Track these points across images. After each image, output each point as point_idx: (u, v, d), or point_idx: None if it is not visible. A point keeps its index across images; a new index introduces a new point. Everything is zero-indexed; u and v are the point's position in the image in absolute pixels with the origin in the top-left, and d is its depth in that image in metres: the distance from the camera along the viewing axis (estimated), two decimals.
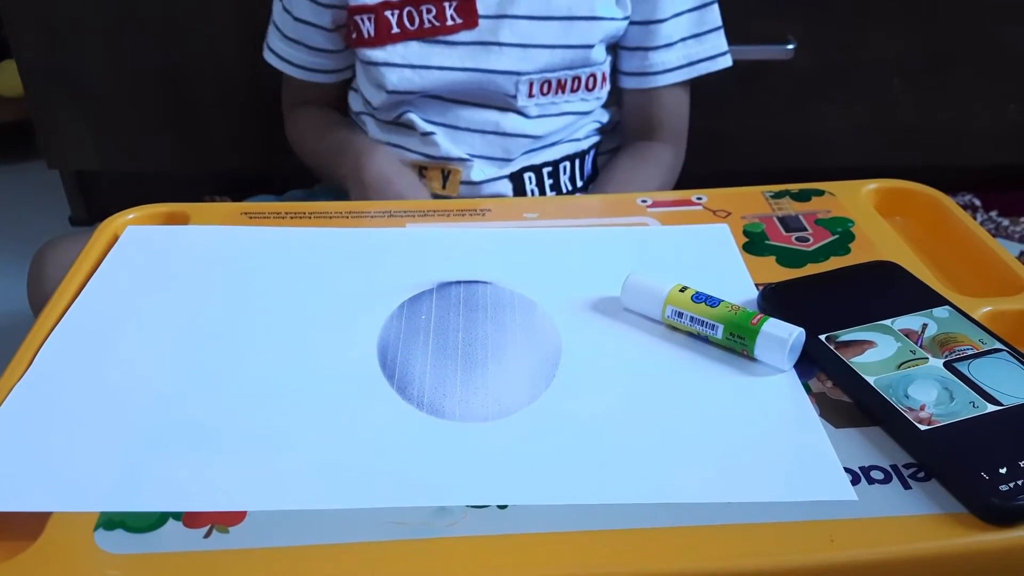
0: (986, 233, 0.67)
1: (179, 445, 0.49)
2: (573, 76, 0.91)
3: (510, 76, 0.89)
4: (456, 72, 0.89)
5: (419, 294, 0.61)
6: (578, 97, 0.93)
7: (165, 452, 0.48)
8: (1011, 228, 1.54)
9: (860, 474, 0.46)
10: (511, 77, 0.89)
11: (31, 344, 0.57)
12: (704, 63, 0.95)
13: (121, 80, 1.42)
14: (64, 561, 0.42)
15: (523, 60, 0.88)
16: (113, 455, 0.48)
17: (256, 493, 0.45)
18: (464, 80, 0.89)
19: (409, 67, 0.88)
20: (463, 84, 0.89)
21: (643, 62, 0.94)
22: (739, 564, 0.42)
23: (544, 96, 0.91)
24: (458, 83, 0.89)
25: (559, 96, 0.92)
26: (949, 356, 0.52)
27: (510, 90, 0.89)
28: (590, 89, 0.93)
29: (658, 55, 0.93)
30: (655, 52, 0.93)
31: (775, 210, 0.71)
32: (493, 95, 0.90)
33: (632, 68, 0.95)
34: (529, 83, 0.89)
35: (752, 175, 0.83)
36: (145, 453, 0.48)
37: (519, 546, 0.42)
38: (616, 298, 0.60)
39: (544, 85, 0.90)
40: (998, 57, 1.43)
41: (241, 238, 0.68)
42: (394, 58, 0.88)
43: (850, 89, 1.44)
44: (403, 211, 0.72)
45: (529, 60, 0.89)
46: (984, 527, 0.43)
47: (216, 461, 0.47)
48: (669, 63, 0.94)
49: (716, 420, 0.50)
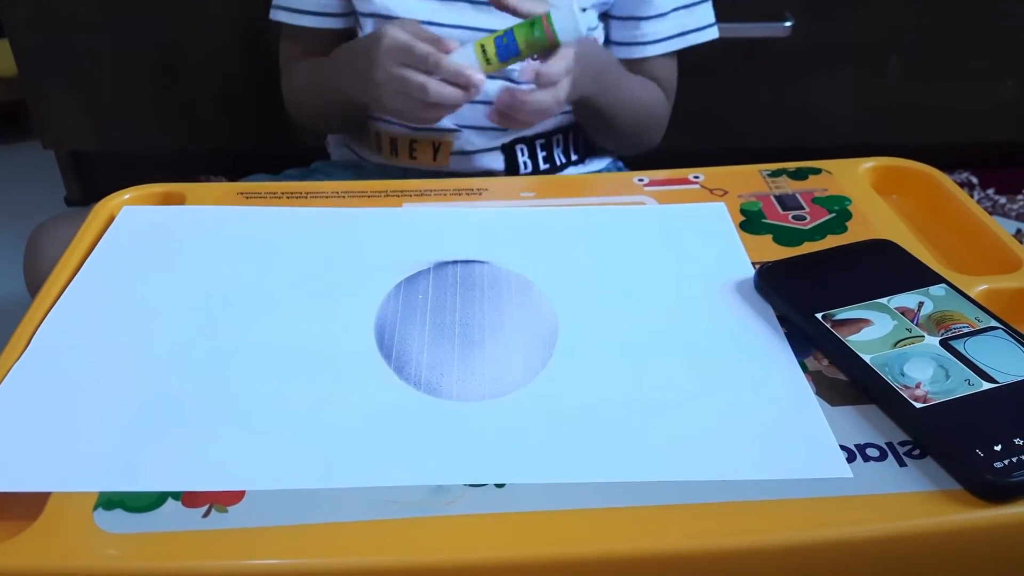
0: (983, 211, 0.67)
1: (177, 425, 0.49)
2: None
3: None
4: (448, 29, 0.88)
5: (416, 274, 0.61)
6: None
7: (163, 432, 0.48)
8: (1008, 206, 1.54)
9: (856, 452, 0.46)
10: None
11: (28, 325, 0.57)
12: (694, 34, 0.95)
13: (116, 59, 1.41)
14: (63, 541, 0.42)
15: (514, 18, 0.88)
16: (111, 435, 0.48)
17: (254, 472, 0.46)
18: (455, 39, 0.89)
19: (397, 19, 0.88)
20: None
21: (634, 31, 0.94)
22: (735, 542, 0.42)
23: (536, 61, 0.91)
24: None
25: None
26: (945, 334, 0.52)
27: None
28: None
29: (650, 25, 0.93)
30: (647, 22, 0.93)
31: (772, 188, 0.71)
32: None
33: (623, 38, 0.95)
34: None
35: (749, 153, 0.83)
36: (143, 433, 0.48)
37: (517, 524, 0.43)
38: (611, 277, 0.60)
39: None
40: (995, 33, 1.42)
41: (237, 218, 0.68)
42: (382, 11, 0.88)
43: (847, 66, 1.44)
44: (399, 191, 0.72)
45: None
46: (979, 504, 0.43)
47: (214, 441, 0.48)
48: (660, 33, 0.94)
49: (712, 399, 0.50)
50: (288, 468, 0.46)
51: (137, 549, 0.42)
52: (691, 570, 0.43)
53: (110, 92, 1.45)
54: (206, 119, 1.49)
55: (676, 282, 0.60)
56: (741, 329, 0.56)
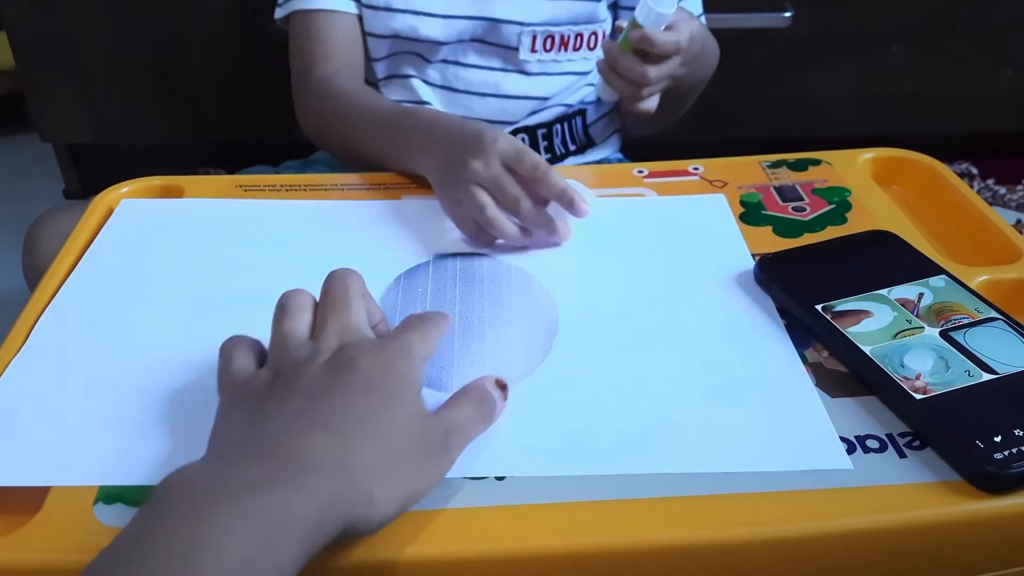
0: (983, 201, 0.67)
1: (177, 418, 0.49)
2: (576, 33, 0.91)
3: (513, 26, 0.88)
4: (459, 20, 0.88)
5: (415, 267, 0.61)
6: (580, 56, 0.93)
7: (163, 425, 0.48)
8: (1008, 196, 1.54)
9: (856, 443, 0.46)
10: (514, 27, 0.88)
11: (27, 318, 0.56)
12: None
13: (114, 52, 1.41)
14: (63, 534, 0.42)
15: (527, 10, 0.88)
16: (111, 428, 0.48)
17: None
18: (465, 29, 0.88)
19: (412, 13, 0.88)
20: (465, 33, 0.89)
21: None
22: (735, 533, 0.42)
23: (547, 52, 0.91)
24: (462, 32, 0.89)
25: (561, 54, 0.92)
26: (945, 325, 0.52)
27: (512, 41, 0.89)
28: (592, 48, 0.93)
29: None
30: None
31: (772, 180, 0.71)
32: (494, 49, 0.90)
33: None
34: (532, 36, 0.89)
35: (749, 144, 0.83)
36: (143, 426, 0.48)
37: (517, 517, 0.43)
38: (612, 269, 0.60)
39: (547, 40, 0.90)
40: (996, 24, 1.42)
41: (236, 211, 0.68)
42: (396, 2, 0.88)
43: (847, 57, 1.44)
44: (399, 183, 0.72)
45: (533, 10, 0.88)
46: (979, 495, 0.43)
47: None
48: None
49: (713, 390, 0.50)
50: None
51: None
52: (692, 562, 0.43)
53: (108, 84, 1.44)
54: (205, 111, 1.49)
55: (676, 274, 0.60)
56: (741, 321, 0.56)
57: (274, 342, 0.48)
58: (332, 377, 0.44)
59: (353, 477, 0.40)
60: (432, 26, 0.88)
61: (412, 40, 0.89)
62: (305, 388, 0.43)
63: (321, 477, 0.39)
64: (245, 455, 0.41)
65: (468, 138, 0.65)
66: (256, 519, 0.36)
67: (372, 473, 0.41)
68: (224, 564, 0.34)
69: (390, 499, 0.41)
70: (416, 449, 0.43)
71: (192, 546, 0.34)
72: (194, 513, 0.36)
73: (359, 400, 0.43)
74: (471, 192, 0.62)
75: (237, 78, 1.44)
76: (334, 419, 0.42)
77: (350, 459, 0.40)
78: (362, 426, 0.42)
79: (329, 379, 0.44)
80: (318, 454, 0.40)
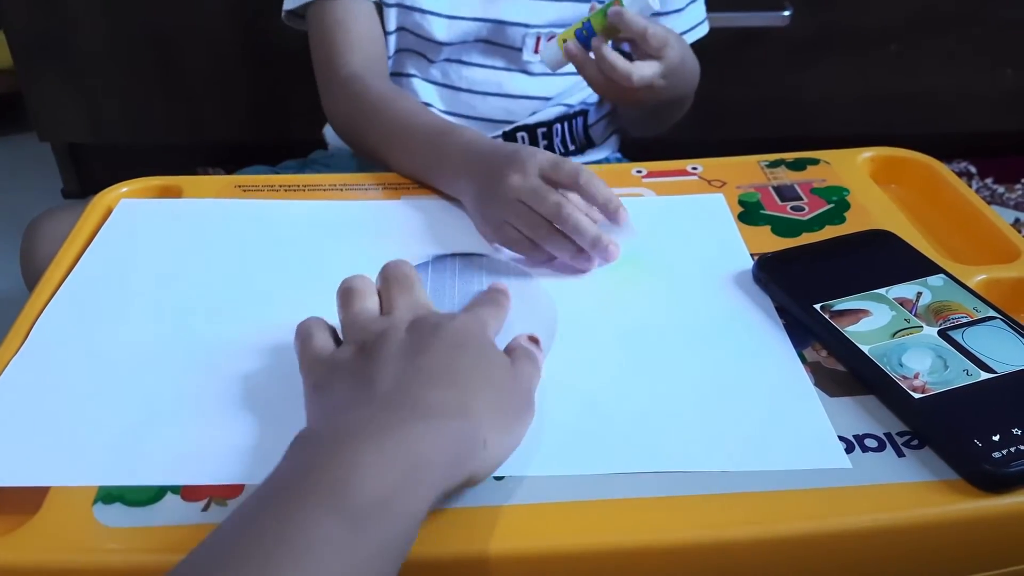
0: (981, 201, 0.67)
1: (176, 418, 0.49)
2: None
3: (518, 28, 0.88)
4: (465, 21, 0.88)
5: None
6: None
7: (162, 426, 0.48)
8: (1006, 195, 1.55)
9: (854, 442, 0.46)
10: (519, 29, 0.88)
11: (26, 318, 0.56)
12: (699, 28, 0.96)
13: (113, 51, 1.41)
14: (63, 535, 0.42)
15: (533, 12, 0.88)
16: (110, 429, 0.48)
17: (253, 466, 0.45)
18: (471, 30, 0.88)
19: (419, 11, 0.88)
20: (470, 34, 0.89)
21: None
22: (734, 532, 0.42)
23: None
24: (467, 32, 0.89)
25: None
26: (943, 324, 0.52)
27: (517, 42, 0.89)
28: None
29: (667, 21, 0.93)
30: (665, 18, 0.93)
31: (770, 179, 0.71)
32: (498, 49, 0.90)
33: None
34: (536, 37, 0.89)
35: (748, 143, 0.83)
36: (142, 427, 0.48)
37: (516, 517, 0.43)
38: (611, 269, 0.60)
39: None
40: (994, 22, 1.42)
41: (235, 211, 0.68)
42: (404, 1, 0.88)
43: (846, 56, 1.44)
44: (398, 183, 0.72)
45: (539, 12, 0.88)
46: (977, 494, 0.43)
47: (213, 434, 0.48)
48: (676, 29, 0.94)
49: (711, 390, 0.50)
50: None
51: (137, 543, 0.42)
52: (691, 561, 0.43)
53: (107, 84, 1.44)
54: (204, 111, 1.49)
55: (675, 274, 0.60)
56: (740, 320, 0.56)
57: (347, 323, 0.49)
58: (422, 339, 0.45)
59: (470, 423, 0.42)
60: (438, 26, 0.88)
61: (417, 38, 0.89)
62: (397, 352, 0.45)
63: (447, 422, 0.41)
64: (363, 406, 0.42)
65: (504, 156, 0.64)
66: (393, 458, 0.37)
67: (486, 420, 0.43)
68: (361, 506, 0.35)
69: (499, 446, 0.44)
70: (513, 398, 0.46)
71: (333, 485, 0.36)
72: (334, 454, 0.37)
73: (456, 356, 0.45)
74: (514, 208, 0.61)
75: (236, 78, 1.44)
76: (442, 374, 0.43)
77: (467, 407, 0.42)
78: (469, 378, 0.44)
79: (419, 342, 0.45)
80: (439, 401, 0.42)
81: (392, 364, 0.44)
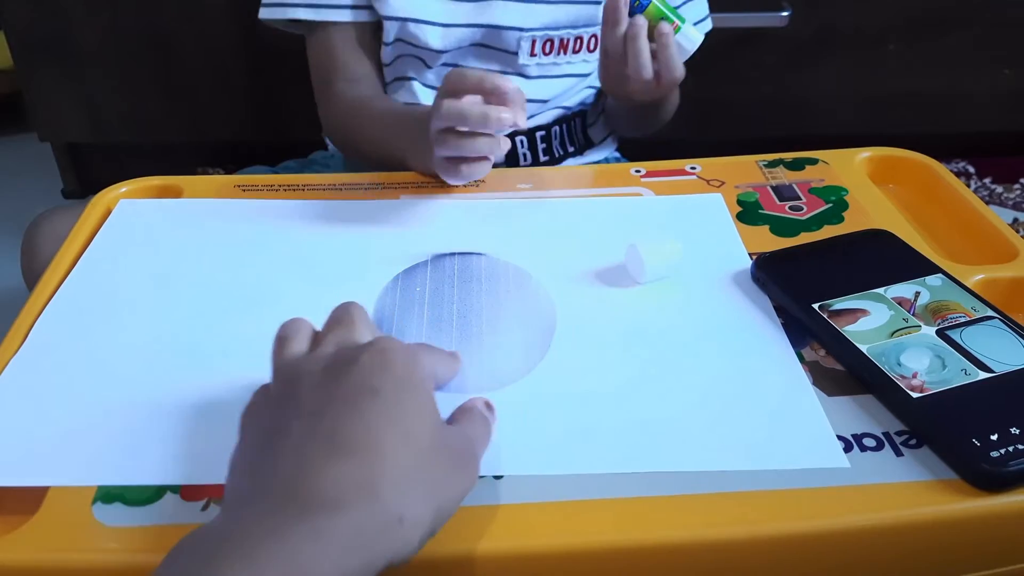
0: (979, 200, 0.67)
1: (175, 418, 0.49)
2: (576, 36, 0.91)
3: (513, 32, 0.88)
4: (460, 28, 0.88)
5: (413, 266, 0.61)
6: (579, 58, 0.93)
7: (161, 425, 0.48)
8: (1004, 195, 1.55)
9: (852, 441, 0.46)
10: (514, 33, 0.88)
11: (26, 318, 0.57)
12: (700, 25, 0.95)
13: (113, 51, 1.41)
14: (62, 534, 0.42)
15: (527, 15, 0.88)
16: (110, 429, 0.48)
17: None
18: (465, 36, 0.88)
19: (413, 21, 0.88)
20: (465, 40, 0.89)
21: None
22: (733, 532, 0.42)
23: (546, 56, 0.91)
24: (462, 39, 0.89)
25: (560, 56, 0.92)
26: (941, 324, 0.52)
27: (512, 46, 0.89)
28: (591, 50, 0.93)
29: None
30: None
31: (769, 179, 0.71)
32: (493, 53, 0.90)
33: None
34: (531, 40, 0.89)
35: (746, 143, 0.83)
36: (141, 426, 0.48)
37: (515, 516, 0.43)
38: (610, 268, 0.60)
39: (546, 44, 0.90)
40: (993, 22, 1.42)
41: (235, 211, 0.68)
42: (397, 11, 0.88)
43: (844, 56, 1.44)
44: (397, 183, 0.72)
45: (533, 16, 0.88)
46: (975, 493, 0.43)
47: (213, 434, 0.48)
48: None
49: (709, 389, 0.50)
50: None
51: (136, 542, 0.42)
52: (690, 560, 0.43)
53: (107, 84, 1.44)
54: (203, 111, 1.49)
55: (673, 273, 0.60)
56: (738, 320, 0.56)
57: (275, 370, 0.45)
58: (334, 383, 0.40)
59: (379, 502, 0.36)
60: (433, 35, 0.88)
61: (414, 46, 0.89)
62: (307, 402, 0.40)
63: (342, 513, 0.35)
64: (257, 500, 0.37)
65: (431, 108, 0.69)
66: (267, 570, 0.33)
67: (399, 492, 0.37)
68: None
69: (422, 517, 0.38)
70: (440, 457, 0.40)
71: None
72: (204, 569, 0.33)
73: (368, 406, 0.39)
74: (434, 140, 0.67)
75: (236, 78, 1.44)
76: (346, 436, 0.38)
77: (373, 481, 0.36)
78: (378, 439, 0.38)
79: (332, 386, 0.40)
80: (336, 485, 0.36)
81: (297, 424, 0.39)
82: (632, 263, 0.60)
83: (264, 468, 0.38)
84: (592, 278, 0.60)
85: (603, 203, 0.69)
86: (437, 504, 0.38)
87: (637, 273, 0.59)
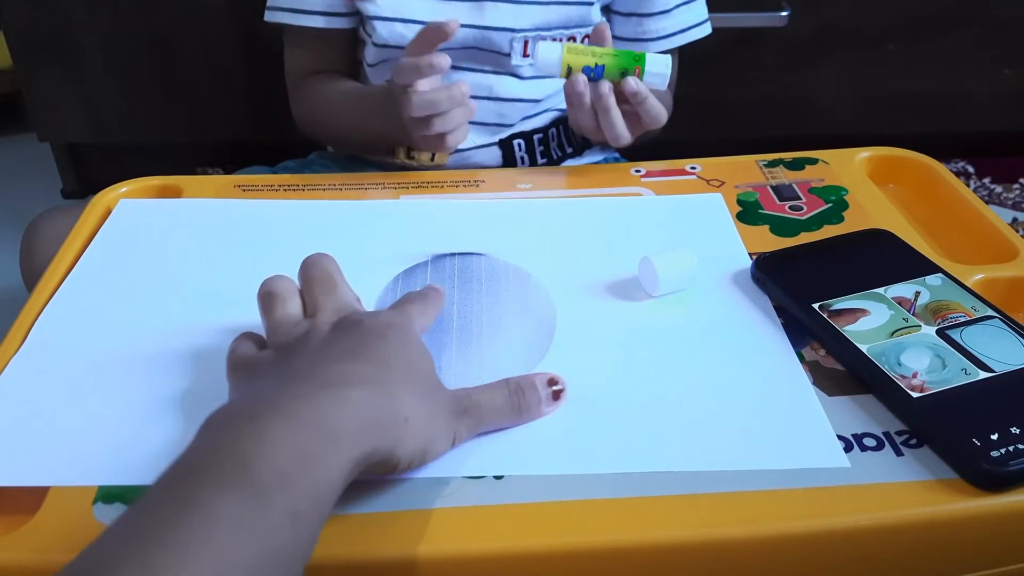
0: (979, 200, 0.67)
1: (176, 418, 0.49)
2: (568, 36, 0.91)
3: (505, 33, 0.88)
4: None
5: (414, 266, 0.61)
6: None
7: (162, 425, 0.48)
8: (1004, 195, 1.55)
9: (853, 441, 0.46)
10: (506, 34, 0.88)
11: (26, 318, 0.57)
12: (693, 30, 0.95)
13: (112, 51, 1.41)
14: (63, 535, 0.42)
15: (518, 16, 0.88)
16: (110, 428, 0.48)
17: None
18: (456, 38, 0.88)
19: (400, 21, 0.88)
20: (457, 41, 0.89)
21: (637, 28, 0.94)
22: (732, 532, 0.42)
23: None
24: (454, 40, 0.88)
25: None
26: (942, 324, 0.52)
27: (504, 48, 0.89)
28: None
29: (653, 22, 0.93)
30: (650, 19, 0.93)
31: (769, 179, 0.71)
32: (486, 55, 0.90)
33: (626, 34, 0.95)
34: (524, 41, 0.89)
35: (746, 143, 0.83)
36: (142, 426, 0.48)
37: (515, 516, 0.43)
38: (609, 268, 0.60)
39: None
40: (992, 22, 1.42)
41: (234, 211, 0.68)
42: (385, 11, 0.88)
43: (844, 56, 1.44)
44: (397, 183, 0.72)
45: (524, 16, 0.88)
46: (975, 493, 0.43)
47: None
48: (663, 30, 0.93)
49: (709, 389, 0.50)
50: None
51: None
52: (690, 560, 0.43)
53: (106, 84, 1.44)
54: (203, 111, 1.49)
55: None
56: (738, 320, 0.56)
57: (271, 328, 0.48)
58: (342, 332, 0.45)
59: (390, 395, 0.41)
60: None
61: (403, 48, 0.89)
62: (316, 344, 0.44)
63: (360, 390, 0.40)
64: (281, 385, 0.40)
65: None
66: (299, 429, 0.36)
67: (405, 397, 0.41)
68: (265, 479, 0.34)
69: (423, 430, 0.42)
70: (437, 399, 0.44)
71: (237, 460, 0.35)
72: (237, 429, 0.36)
73: (376, 343, 0.44)
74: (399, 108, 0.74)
75: (235, 78, 1.44)
76: (357, 351, 0.43)
77: (385, 381, 0.41)
78: (388, 360, 0.43)
79: (341, 337, 0.44)
80: (355, 374, 0.41)
81: (308, 353, 0.44)
82: (646, 276, 0.58)
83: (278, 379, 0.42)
84: (592, 278, 0.60)
85: (603, 203, 0.69)
86: (430, 435, 0.43)
87: (651, 287, 0.58)
